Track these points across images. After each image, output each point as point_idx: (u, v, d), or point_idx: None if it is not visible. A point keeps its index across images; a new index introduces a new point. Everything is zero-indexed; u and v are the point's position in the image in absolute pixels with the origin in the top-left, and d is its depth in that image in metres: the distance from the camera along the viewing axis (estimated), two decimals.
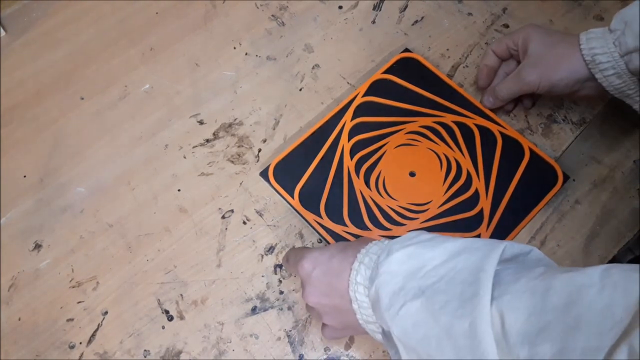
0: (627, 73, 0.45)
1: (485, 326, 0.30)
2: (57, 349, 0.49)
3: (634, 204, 0.54)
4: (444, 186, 0.54)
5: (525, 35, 0.51)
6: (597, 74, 0.47)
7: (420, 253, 0.35)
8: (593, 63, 0.46)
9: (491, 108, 0.56)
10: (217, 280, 0.51)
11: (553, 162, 0.54)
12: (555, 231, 0.53)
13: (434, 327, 0.32)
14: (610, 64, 0.45)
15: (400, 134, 0.56)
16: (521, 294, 0.30)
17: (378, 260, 0.37)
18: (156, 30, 0.63)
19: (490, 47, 0.55)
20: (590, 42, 0.46)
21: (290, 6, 0.65)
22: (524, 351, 0.28)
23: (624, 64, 0.45)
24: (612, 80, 0.46)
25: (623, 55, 0.45)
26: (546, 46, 0.50)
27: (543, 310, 0.29)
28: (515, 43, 0.53)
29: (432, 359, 0.33)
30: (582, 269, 0.30)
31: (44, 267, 0.52)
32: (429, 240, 0.36)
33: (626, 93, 0.48)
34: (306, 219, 0.53)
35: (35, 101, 0.60)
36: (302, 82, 0.60)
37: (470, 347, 0.30)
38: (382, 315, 0.35)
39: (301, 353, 0.49)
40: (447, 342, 0.32)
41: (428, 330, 0.32)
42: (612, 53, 0.45)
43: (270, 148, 0.57)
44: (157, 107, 0.59)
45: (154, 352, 0.49)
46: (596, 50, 0.45)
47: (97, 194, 0.55)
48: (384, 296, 0.35)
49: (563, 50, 0.48)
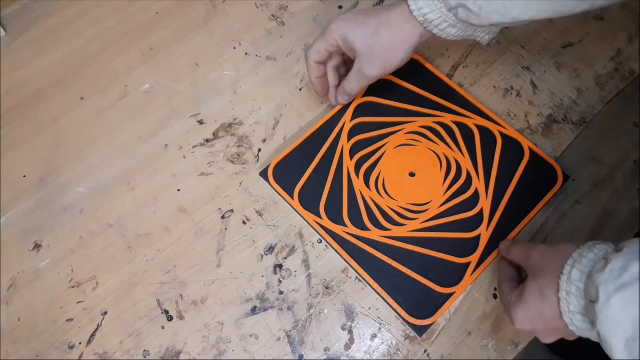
0: (459, 22, 0.47)
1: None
2: (56, 349, 0.49)
3: (634, 203, 0.54)
4: (444, 186, 0.54)
5: (340, 35, 0.49)
6: (434, 30, 0.48)
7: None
8: (427, 22, 0.47)
9: (348, 103, 0.57)
10: (217, 281, 0.51)
11: (553, 162, 0.54)
12: (556, 231, 0.53)
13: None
14: (442, 19, 0.47)
15: (400, 134, 0.56)
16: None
17: (590, 294, 0.36)
18: (156, 30, 0.63)
19: (309, 59, 0.52)
20: (418, 3, 0.46)
21: (290, 6, 0.65)
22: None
23: (453, 16, 0.46)
24: (449, 30, 0.48)
25: (450, 10, 0.46)
26: (370, 37, 0.49)
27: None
28: (333, 45, 0.51)
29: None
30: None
31: (43, 267, 0.52)
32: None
33: (466, 36, 0.49)
34: (306, 219, 0.53)
35: (35, 101, 0.60)
36: (302, 82, 0.60)
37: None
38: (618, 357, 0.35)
39: (301, 353, 0.49)
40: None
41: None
42: (440, 9, 0.46)
43: (270, 148, 0.57)
44: (157, 107, 0.59)
45: (154, 352, 0.49)
46: (424, 10, 0.46)
47: (97, 194, 0.55)
48: (617, 345, 0.34)
49: (388, 33, 0.48)
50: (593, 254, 0.38)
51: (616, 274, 0.35)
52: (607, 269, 0.35)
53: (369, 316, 0.50)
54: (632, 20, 0.63)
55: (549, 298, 0.39)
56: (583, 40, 0.62)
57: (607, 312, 0.34)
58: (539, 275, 0.41)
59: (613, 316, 0.34)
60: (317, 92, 0.56)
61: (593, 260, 0.38)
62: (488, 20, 0.45)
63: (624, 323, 0.34)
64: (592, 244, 0.39)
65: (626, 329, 0.33)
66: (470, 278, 0.50)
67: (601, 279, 0.35)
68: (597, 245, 0.39)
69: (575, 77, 0.60)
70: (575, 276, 0.38)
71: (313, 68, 0.53)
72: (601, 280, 0.35)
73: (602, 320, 0.35)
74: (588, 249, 0.38)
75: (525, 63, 0.61)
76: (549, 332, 0.41)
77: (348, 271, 0.51)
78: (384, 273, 0.50)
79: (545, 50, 0.62)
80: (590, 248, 0.38)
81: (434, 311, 0.49)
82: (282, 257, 0.52)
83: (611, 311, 0.34)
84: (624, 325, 0.34)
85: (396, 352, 0.48)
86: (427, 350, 0.48)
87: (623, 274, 0.34)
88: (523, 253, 0.44)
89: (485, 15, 0.45)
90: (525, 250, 0.44)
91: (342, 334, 0.49)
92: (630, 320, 0.33)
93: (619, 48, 0.61)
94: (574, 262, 0.38)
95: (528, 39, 0.62)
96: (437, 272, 0.50)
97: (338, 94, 0.55)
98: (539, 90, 0.59)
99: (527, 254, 0.43)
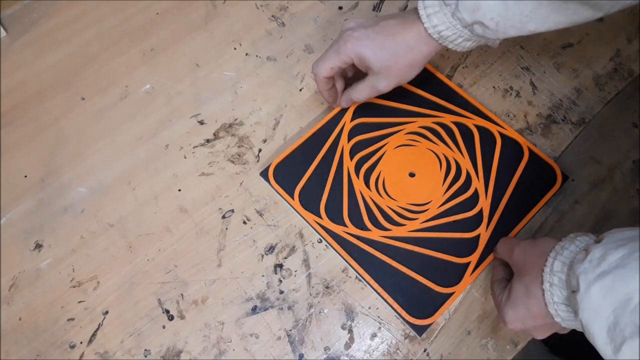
0: (474, 36, 0.47)
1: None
2: (57, 349, 0.49)
3: (634, 203, 0.54)
4: (444, 186, 0.54)
5: (356, 54, 0.48)
6: (449, 45, 0.48)
7: (621, 285, 0.34)
8: (442, 39, 0.47)
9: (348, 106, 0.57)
10: (217, 280, 0.51)
11: (552, 162, 0.54)
12: (555, 231, 0.53)
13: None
14: (457, 35, 0.46)
15: (400, 135, 0.56)
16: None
17: (571, 284, 0.37)
18: (157, 30, 0.64)
19: (320, 74, 0.51)
20: (431, 19, 0.46)
21: (290, 6, 0.65)
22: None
23: (468, 32, 0.46)
24: (464, 44, 0.48)
25: (465, 27, 0.46)
26: (389, 59, 0.48)
27: None
28: (347, 62, 0.50)
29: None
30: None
31: (44, 266, 0.52)
32: (623, 267, 0.35)
33: (482, 45, 0.49)
34: (306, 219, 0.53)
35: (36, 101, 0.60)
36: (302, 82, 0.60)
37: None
38: (601, 348, 0.35)
39: (301, 353, 0.49)
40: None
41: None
42: (455, 26, 0.45)
43: (271, 148, 0.57)
44: (157, 107, 0.59)
45: (155, 351, 0.49)
46: (439, 27, 0.46)
47: (97, 194, 0.55)
48: (598, 333, 0.35)
49: (408, 55, 0.48)
50: (574, 246, 0.39)
51: (595, 263, 0.36)
52: (587, 259, 0.36)
53: (369, 315, 0.50)
54: (631, 20, 0.63)
55: (533, 294, 0.40)
56: (582, 40, 0.62)
57: (587, 301, 0.35)
58: (523, 273, 0.42)
59: (593, 304, 0.35)
60: (329, 102, 0.56)
61: (574, 252, 0.38)
62: (505, 35, 0.45)
63: (605, 310, 0.34)
64: (574, 235, 0.40)
65: (607, 316, 0.34)
66: (469, 278, 0.50)
67: (581, 269, 0.36)
68: (578, 236, 0.39)
69: (575, 77, 0.60)
70: (557, 267, 0.39)
71: (323, 82, 0.52)
72: (581, 270, 0.36)
73: (583, 309, 0.35)
74: (569, 241, 0.39)
75: (525, 63, 0.61)
76: (540, 328, 0.42)
77: (348, 271, 0.51)
78: (383, 273, 0.50)
79: (544, 50, 0.62)
80: (571, 240, 0.39)
81: (434, 311, 0.49)
82: (283, 257, 0.52)
83: (591, 300, 0.35)
84: (604, 312, 0.34)
85: (396, 352, 0.49)
86: (427, 350, 0.49)
87: (601, 262, 0.35)
88: (507, 250, 0.45)
89: (502, 30, 0.44)
90: (509, 246, 0.45)
91: (342, 333, 0.49)
92: (610, 308, 0.34)
93: (618, 48, 0.62)
94: (556, 254, 0.39)
95: (527, 40, 0.62)
96: (437, 271, 0.50)
97: (342, 99, 0.55)
98: (538, 90, 0.59)
99: (511, 251, 0.44)
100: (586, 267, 0.36)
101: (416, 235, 0.52)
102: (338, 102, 0.56)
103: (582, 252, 0.37)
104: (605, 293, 0.34)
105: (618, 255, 0.35)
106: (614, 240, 0.36)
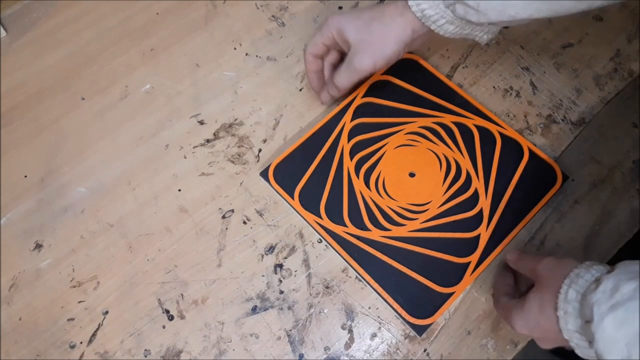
0: (457, 19, 0.47)
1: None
2: (57, 349, 0.49)
3: (634, 203, 0.54)
4: (444, 186, 0.54)
5: (336, 27, 0.51)
6: (432, 25, 0.48)
7: (634, 318, 0.34)
8: (425, 18, 0.48)
9: (335, 98, 0.57)
10: (217, 280, 0.51)
11: (552, 162, 0.54)
12: (555, 231, 0.53)
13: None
14: (440, 15, 0.47)
15: (400, 135, 0.56)
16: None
17: (585, 314, 0.37)
18: (157, 30, 0.64)
19: (307, 52, 0.53)
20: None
21: (290, 6, 0.65)
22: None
23: (451, 12, 0.47)
24: (447, 27, 0.48)
25: (448, 7, 0.46)
26: (363, 29, 0.50)
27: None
28: (330, 38, 0.52)
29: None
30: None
31: (44, 266, 0.52)
32: (634, 299, 0.35)
33: (464, 34, 0.50)
34: (306, 219, 0.53)
35: (36, 101, 0.60)
36: (302, 82, 0.60)
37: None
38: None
39: (301, 352, 0.49)
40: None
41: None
42: (438, 5, 0.46)
43: (271, 148, 0.57)
44: (157, 107, 0.59)
45: (155, 351, 0.49)
46: (423, 5, 0.47)
47: (97, 194, 0.55)
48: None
49: (380, 25, 0.49)
50: (590, 275, 0.39)
51: (608, 294, 0.36)
52: (599, 290, 0.36)
53: (369, 315, 0.50)
54: (631, 20, 0.63)
55: (546, 313, 0.40)
56: (582, 40, 0.62)
57: (601, 333, 0.35)
58: (541, 288, 0.41)
59: (607, 337, 0.35)
60: (313, 87, 0.56)
61: (589, 281, 0.38)
62: (486, 18, 0.46)
63: (619, 343, 0.34)
64: (590, 263, 0.39)
65: (621, 349, 0.34)
66: (469, 278, 0.50)
67: (594, 300, 0.36)
68: (594, 265, 0.39)
69: (575, 77, 0.60)
70: (572, 296, 0.38)
71: (310, 61, 0.54)
72: (594, 300, 0.36)
73: (597, 340, 0.35)
74: (585, 269, 0.39)
75: (525, 63, 0.61)
76: (547, 340, 0.42)
77: (348, 271, 0.51)
78: (384, 273, 0.50)
79: (544, 50, 0.62)
80: (587, 268, 0.39)
81: (434, 311, 0.49)
82: (283, 257, 0.52)
83: (605, 332, 0.35)
84: (618, 345, 0.34)
85: (396, 351, 0.49)
86: (427, 350, 0.49)
87: (614, 294, 0.35)
88: (530, 265, 0.45)
89: (483, 12, 0.45)
90: (533, 263, 0.44)
91: (342, 333, 0.49)
92: (624, 341, 0.34)
93: (618, 48, 0.62)
94: (571, 282, 0.39)
95: (527, 39, 0.62)
96: (437, 271, 0.50)
97: (327, 86, 0.55)
98: (538, 90, 0.59)
99: (535, 266, 0.44)
100: (599, 298, 0.36)
101: (416, 235, 0.52)
102: (323, 94, 0.56)
103: (595, 282, 0.37)
104: (619, 326, 0.35)
105: (630, 287, 0.35)
106: (626, 272, 0.36)
